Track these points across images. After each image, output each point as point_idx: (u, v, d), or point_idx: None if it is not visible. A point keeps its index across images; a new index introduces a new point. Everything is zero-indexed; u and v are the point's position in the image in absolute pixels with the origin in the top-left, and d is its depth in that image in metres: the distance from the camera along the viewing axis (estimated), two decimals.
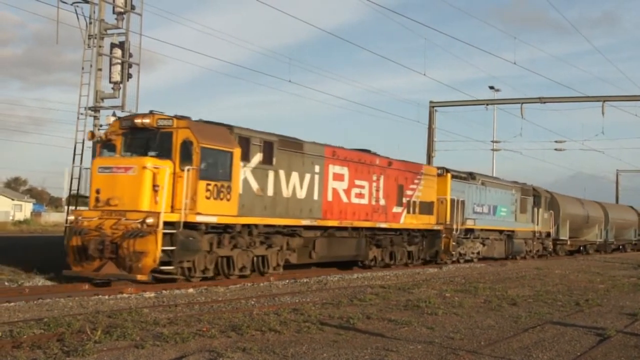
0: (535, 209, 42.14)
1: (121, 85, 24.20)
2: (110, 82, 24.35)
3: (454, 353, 10.34)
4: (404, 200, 28.52)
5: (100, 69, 24.36)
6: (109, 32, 24.53)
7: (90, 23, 24.25)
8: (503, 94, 55.71)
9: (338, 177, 24.33)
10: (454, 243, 31.92)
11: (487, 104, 47.95)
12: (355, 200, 25.21)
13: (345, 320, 13.01)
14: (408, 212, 28.81)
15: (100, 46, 24.25)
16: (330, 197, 23.83)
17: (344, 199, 24.67)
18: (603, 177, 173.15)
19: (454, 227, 31.79)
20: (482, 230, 35.43)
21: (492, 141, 58.11)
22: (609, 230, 56.39)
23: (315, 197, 23.17)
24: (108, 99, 24.55)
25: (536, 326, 13.44)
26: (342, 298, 16.58)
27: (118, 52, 24.19)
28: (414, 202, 29.27)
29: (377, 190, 26.64)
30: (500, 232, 37.71)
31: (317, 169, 23.23)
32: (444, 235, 31.37)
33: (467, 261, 34.34)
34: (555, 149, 58.20)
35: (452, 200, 31.91)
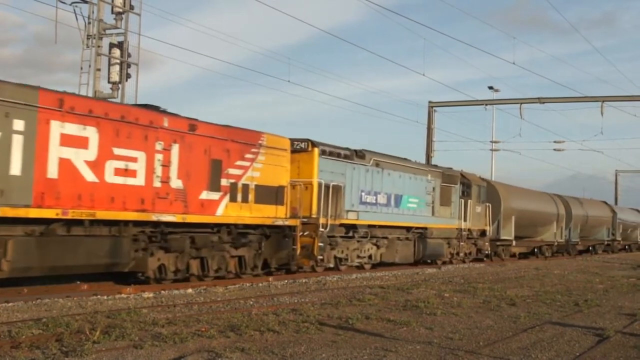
0: (463, 201, 33.42)
1: (120, 86, 24.21)
2: (109, 82, 24.36)
3: (452, 353, 10.33)
4: (224, 182, 20.06)
5: (99, 69, 24.37)
6: (107, 32, 24.53)
7: (89, 23, 24.26)
8: (502, 94, 55.72)
9: (74, 142, 16.06)
10: (320, 244, 23.33)
11: (486, 104, 48.03)
12: (116, 180, 17.00)
13: (344, 321, 13.01)
14: (232, 199, 20.31)
15: (99, 46, 24.25)
16: (54, 173, 15.58)
17: (89, 176, 16.37)
18: (602, 178, 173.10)
19: (320, 221, 23.33)
20: (374, 226, 27.05)
21: (491, 141, 58.15)
22: (572, 229, 49.18)
23: (15, 170, 14.83)
24: (107, 99, 24.52)
25: (535, 326, 13.43)
26: (341, 298, 16.57)
27: (117, 52, 24.19)
28: (245, 186, 20.61)
29: (166, 166, 18.30)
30: (408, 229, 29.35)
31: (18, 125, 14.85)
32: (305, 233, 22.97)
33: (358, 267, 26.78)
34: (555, 149, 58.31)
35: (321, 186, 23.68)
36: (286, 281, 20.75)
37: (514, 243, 40.36)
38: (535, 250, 45.59)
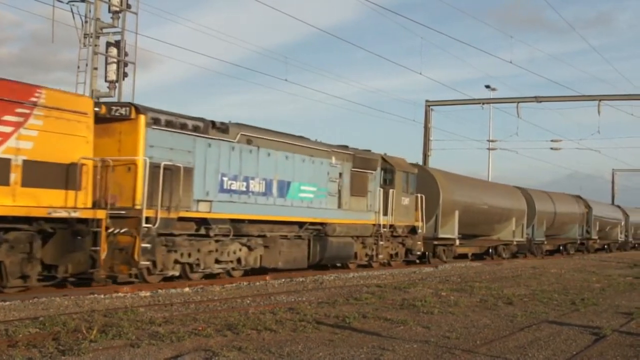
0: (384, 191, 27.31)
1: (117, 84, 24.22)
2: (106, 81, 24.36)
3: (449, 352, 10.34)
4: None
5: (96, 68, 24.36)
6: (104, 31, 24.54)
7: (86, 22, 24.25)
8: (499, 93, 55.63)
9: None
10: (144, 245, 17.20)
11: (483, 103, 48.09)
12: None
13: (341, 320, 13.01)
14: None
15: (96, 45, 24.25)
16: None
17: None
18: (600, 177, 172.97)
19: (144, 214, 17.11)
20: (244, 222, 20.79)
21: (489, 140, 58.17)
22: (536, 227, 43.37)
23: None
24: (104, 98, 24.52)
25: (532, 325, 13.45)
26: (338, 297, 16.58)
27: (114, 51, 24.20)
28: (3, 161, 14.50)
29: None
30: (301, 225, 23.22)
31: None
32: (122, 230, 17.14)
33: (213, 276, 20.34)
34: (552, 148, 58.26)
35: (148, 166, 17.45)
36: (283, 280, 20.77)
37: (457, 242, 33.68)
38: (490, 250, 39.28)
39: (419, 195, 29.81)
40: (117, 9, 24.26)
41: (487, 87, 56.79)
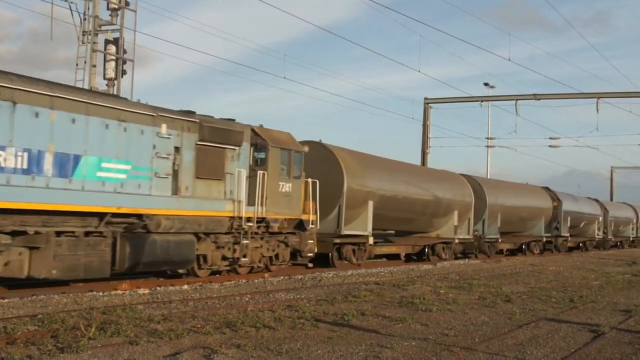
0: (246, 172, 20.43)
1: (115, 82, 24.21)
2: (104, 78, 24.37)
3: (448, 350, 10.35)
4: None
5: (94, 66, 24.36)
6: (103, 28, 24.55)
7: (85, 19, 24.25)
8: (498, 91, 55.77)
9: None
10: None
11: (482, 101, 48.13)
12: None
13: (339, 317, 13.02)
14: None
15: (94, 42, 24.24)
16: None
17: None
18: (598, 174, 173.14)
19: None
20: None
21: (487, 138, 58.22)
22: (487, 222, 36.80)
23: None
24: None
25: (530, 323, 13.46)
26: (337, 295, 16.59)
27: (112, 48, 24.20)
28: None
29: None
30: (102, 217, 16.46)
31: None
32: None
33: None
34: (550, 146, 58.41)
35: None
36: (282, 277, 20.77)
37: (370, 240, 27.19)
38: (427, 249, 32.17)
39: (309, 180, 23.04)
40: (116, 7, 24.26)
41: (486, 84, 56.94)
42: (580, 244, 53.05)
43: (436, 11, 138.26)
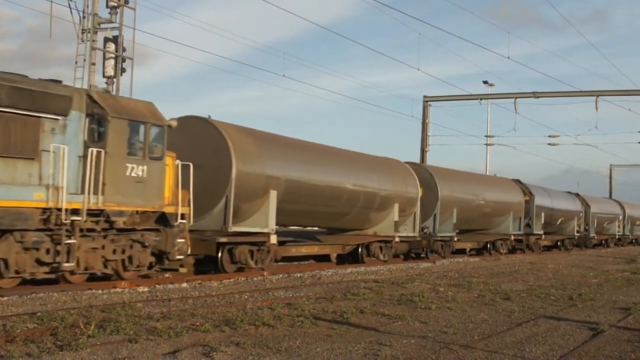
0: (78, 150, 16.16)
1: (115, 80, 24.16)
2: (103, 76, 24.31)
3: (447, 347, 10.35)
4: None
5: (93, 64, 24.30)
6: (102, 26, 24.48)
7: (84, 17, 24.19)
8: (497, 89, 55.78)
9: None
10: None
11: (481, 99, 48.15)
12: None
13: (338, 315, 13.02)
14: None
15: (93, 40, 24.20)
16: None
17: None
18: (597, 172, 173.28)
19: None
20: None
21: (486, 136, 58.25)
22: (439, 218, 31.91)
23: None
24: None
25: (529, 320, 13.46)
26: (336, 292, 16.59)
27: (112, 46, 24.15)
28: None
29: None
30: None
31: None
32: None
33: None
34: (549, 144, 58.52)
35: None
36: (281, 275, 20.77)
37: (273, 240, 21.89)
38: (360, 249, 27.70)
39: (179, 162, 18.51)
40: (115, 4, 24.21)
41: (485, 82, 56.90)
42: (559, 242, 49.33)
43: (435, 9, 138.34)
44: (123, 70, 24.42)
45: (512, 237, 39.80)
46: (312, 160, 24.60)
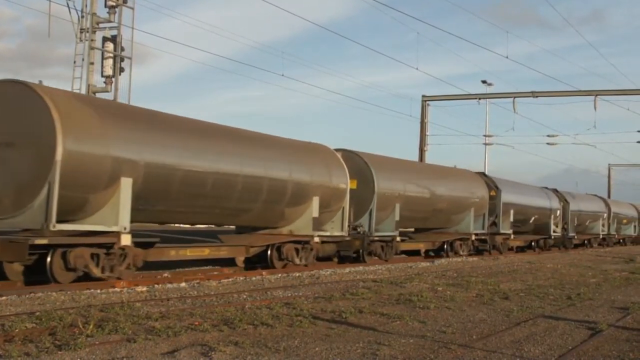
0: None
1: (113, 79, 24.21)
2: (102, 76, 24.39)
3: (446, 347, 10.35)
4: None
5: (92, 63, 24.37)
6: (101, 25, 24.55)
7: (82, 17, 24.25)
8: (495, 88, 55.92)
9: None
10: None
11: (480, 98, 48.24)
12: None
13: (337, 314, 13.02)
14: None
15: (92, 40, 24.26)
16: None
17: None
18: (596, 172, 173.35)
19: None
20: None
21: (485, 135, 58.30)
22: (374, 214, 27.27)
23: None
24: (100, 93, 24.54)
25: (528, 320, 13.47)
26: (335, 292, 16.58)
27: (110, 45, 24.22)
28: None
29: None
30: None
31: None
32: None
33: None
34: (548, 143, 58.66)
35: None
36: (280, 275, 20.77)
37: (125, 240, 17.22)
38: (270, 251, 22.79)
39: None
40: (114, 4, 24.26)
41: (484, 82, 57.00)
42: (533, 243, 45.17)
43: (434, 9, 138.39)
44: (122, 69, 24.48)
45: (474, 237, 35.36)
46: (188, 141, 19.36)
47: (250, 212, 21.96)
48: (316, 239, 24.12)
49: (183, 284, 17.39)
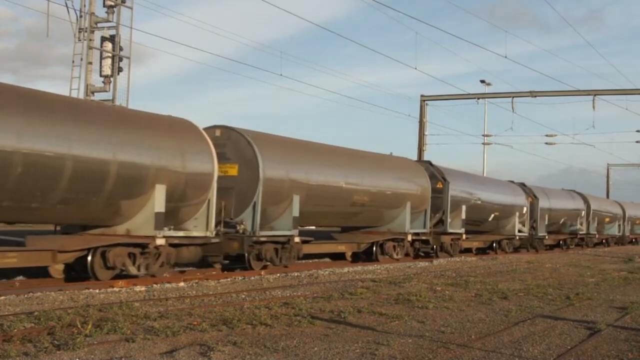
0: None
1: (112, 79, 24.20)
2: (100, 75, 24.36)
3: (444, 347, 10.35)
4: None
5: (90, 63, 24.36)
6: (99, 25, 24.53)
7: (81, 16, 24.24)
8: (494, 88, 56.00)
9: None
10: None
11: (478, 98, 48.20)
12: None
13: (336, 314, 13.02)
14: None
15: (90, 40, 24.25)
16: None
17: None
18: (594, 171, 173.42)
19: None
20: None
21: (483, 135, 58.30)
22: (258, 207, 21.41)
23: None
24: (99, 93, 24.54)
25: (527, 320, 13.47)
26: (333, 292, 16.58)
27: (109, 45, 24.20)
28: None
29: None
30: None
31: None
32: None
33: None
34: (547, 143, 58.63)
35: None
36: (278, 275, 20.76)
37: None
38: (90, 257, 17.22)
39: None
40: (112, 4, 24.25)
41: (482, 81, 56.99)
42: (495, 244, 39.35)
43: (432, 8, 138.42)
44: (120, 69, 24.46)
45: (410, 237, 29.82)
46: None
47: (88, 205, 17.11)
48: (160, 241, 18.35)
49: (182, 284, 17.39)
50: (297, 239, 23.08)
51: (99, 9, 24.46)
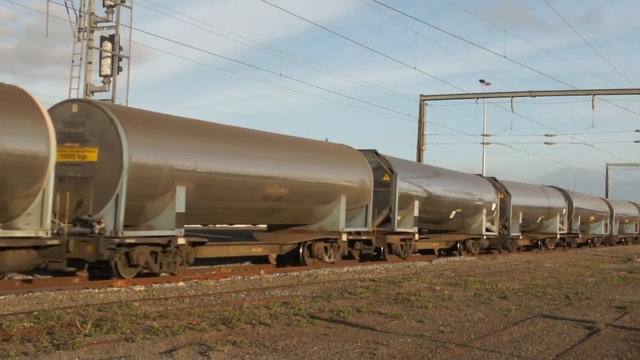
0: None
1: (111, 79, 24.20)
2: (100, 75, 24.38)
3: (444, 346, 10.36)
4: None
5: (90, 62, 24.37)
6: (99, 25, 24.54)
7: (80, 16, 24.25)
8: (493, 88, 55.86)
9: None
10: None
11: (478, 98, 48.26)
12: None
13: (335, 314, 13.02)
14: None
15: (90, 39, 24.26)
16: None
17: None
18: (593, 171, 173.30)
19: None
20: None
21: (483, 135, 58.29)
22: (122, 203, 17.05)
23: None
24: (98, 92, 24.56)
25: (526, 319, 13.48)
26: (333, 291, 16.58)
27: (108, 45, 24.21)
28: None
29: None
30: None
31: None
32: None
33: None
34: (546, 143, 58.64)
35: None
36: (277, 274, 20.76)
37: None
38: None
39: None
40: (112, 3, 24.26)
41: (482, 81, 56.96)
42: (459, 245, 35.32)
43: (431, 8, 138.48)
44: (119, 69, 24.46)
45: (345, 237, 25.40)
46: None
47: None
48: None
49: (181, 284, 17.39)
50: (181, 240, 18.72)
51: (99, 9, 24.49)
